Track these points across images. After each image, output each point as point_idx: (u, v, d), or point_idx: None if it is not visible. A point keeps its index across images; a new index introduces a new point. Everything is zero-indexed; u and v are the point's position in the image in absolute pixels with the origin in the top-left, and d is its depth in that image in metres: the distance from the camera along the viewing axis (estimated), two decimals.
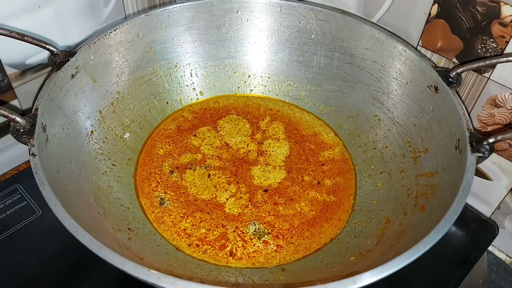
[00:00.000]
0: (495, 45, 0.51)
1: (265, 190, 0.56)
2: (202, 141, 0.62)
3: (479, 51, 0.53)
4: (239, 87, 0.69)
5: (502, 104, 0.54)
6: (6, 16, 0.53)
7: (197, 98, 0.67)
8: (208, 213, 0.54)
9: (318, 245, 0.52)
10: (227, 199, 0.55)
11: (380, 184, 0.56)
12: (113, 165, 0.55)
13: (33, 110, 0.46)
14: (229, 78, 0.68)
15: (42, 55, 0.59)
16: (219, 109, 0.66)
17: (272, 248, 0.51)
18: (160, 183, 0.56)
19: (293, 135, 0.63)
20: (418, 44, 0.59)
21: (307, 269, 0.49)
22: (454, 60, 0.56)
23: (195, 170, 0.58)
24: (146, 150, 0.60)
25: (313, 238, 0.52)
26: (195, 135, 0.62)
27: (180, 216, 0.53)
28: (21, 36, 0.49)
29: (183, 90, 0.66)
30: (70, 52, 0.52)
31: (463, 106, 0.48)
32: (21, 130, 0.43)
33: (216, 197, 0.55)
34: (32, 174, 0.40)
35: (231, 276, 0.48)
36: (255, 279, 0.47)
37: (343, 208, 0.55)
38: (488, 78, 0.53)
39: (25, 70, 0.58)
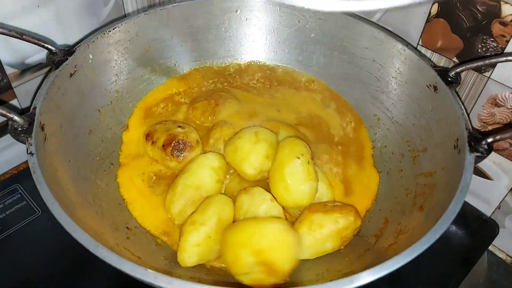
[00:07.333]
0: (495, 44, 0.51)
1: None
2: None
3: (479, 50, 0.53)
4: None
5: (502, 104, 0.54)
6: (6, 15, 0.53)
7: None
8: None
9: None
10: None
11: (379, 183, 0.56)
12: (111, 164, 0.55)
13: (31, 109, 0.46)
14: None
15: (41, 55, 0.59)
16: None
17: None
18: None
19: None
20: (418, 44, 0.58)
21: (305, 268, 0.48)
22: (455, 59, 0.56)
23: None
24: None
25: None
26: None
27: None
28: (20, 35, 0.49)
29: None
30: (68, 51, 0.52)
31: (462, 106, 0.48)
32: (19, 129, 0.43)
33: None
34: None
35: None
36: None
37: None
38: (489, 78, 0.53)
39: (25, 70, 0.58)
